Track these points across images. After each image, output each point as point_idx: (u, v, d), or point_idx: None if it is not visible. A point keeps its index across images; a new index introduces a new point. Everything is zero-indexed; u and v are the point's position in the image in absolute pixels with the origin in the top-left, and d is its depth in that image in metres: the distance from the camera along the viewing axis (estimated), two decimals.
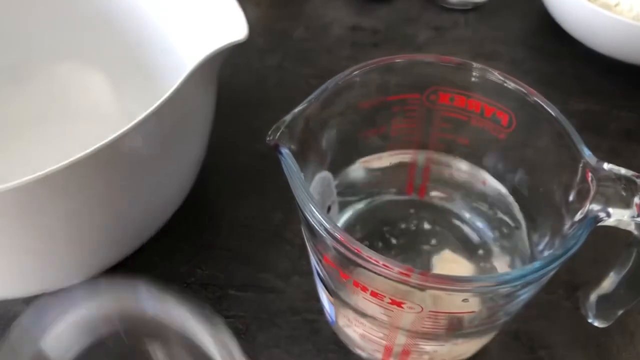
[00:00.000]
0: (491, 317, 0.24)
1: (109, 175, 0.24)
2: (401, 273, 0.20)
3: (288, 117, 0.25)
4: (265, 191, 0.39)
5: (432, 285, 0.21)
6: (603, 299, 0.27)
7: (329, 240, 0.21)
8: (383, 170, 0.32)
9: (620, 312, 0.27)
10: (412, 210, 0.33)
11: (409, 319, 0.23)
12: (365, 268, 0.21)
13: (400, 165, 0.32)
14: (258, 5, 0.53)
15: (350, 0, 0.54)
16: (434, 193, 0.33)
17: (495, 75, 0.28)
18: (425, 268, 0.30)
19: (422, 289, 0.21)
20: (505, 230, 0.30)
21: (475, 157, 0.30)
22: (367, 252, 0.20)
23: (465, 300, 0.22)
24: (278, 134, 0.25)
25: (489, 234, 0.31)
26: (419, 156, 0.32)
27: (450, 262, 0.31)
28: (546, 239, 0.26)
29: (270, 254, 0.35)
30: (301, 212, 0.24)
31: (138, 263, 0.33)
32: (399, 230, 0.32)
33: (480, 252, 0.31)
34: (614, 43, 0.45)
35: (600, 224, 0.22)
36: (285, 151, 0.24)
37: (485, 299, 0.23)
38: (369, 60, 0.47)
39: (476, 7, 0.54)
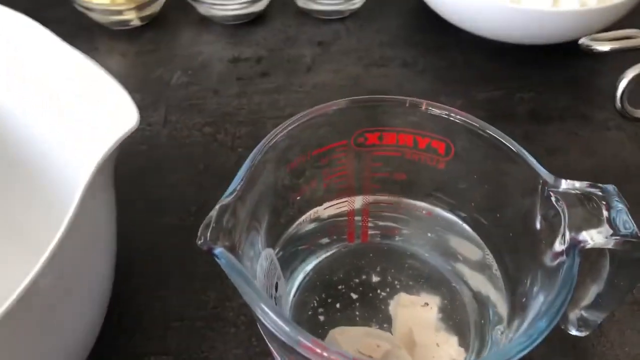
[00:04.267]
0: None
1: (22, 331, 0.19)
2: None
3: (214, 212, 0.21)
4: (189, 269, 0.34)
5: None
6: (584, 310, 0.26)
7: (308, 355, 0.18)
8: (321, 225, 0.29)
9: (602, 319, 0.26)
10: (359, 259, 0.30)
11: None
12: None
13: (338, 216, 0.29)
14: (124, 56, 0.48)
15: (220, 31, 0.50)
16: (377, 234, 0.30)
17: (422, 106, 0.25)
18: (386, 320, 0.28)
19: None
20: (464, 257, 0.28)
21: (415, 191, 0.28)
22: None
23: None
24: (209, 232, 0.21)
25: (444, 263, 0.29)
26: (355, 201, 0.29)
27: (409, 307, 0.29)
28: (523, 270, 0.24)
29: (216, 344, 0.31)
30: (258, 318, 0.20)
31: None
32: (353, 284, 0.29)
33: (441, 281, 0.29)
34: (497, 26, 0.45)
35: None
36: (220, 251, 0.21)
37: None
38: (258, 88, 0.45)
39: (352, 14, 0.52)
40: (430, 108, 0.25)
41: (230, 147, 0.41)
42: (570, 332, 0.27)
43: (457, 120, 0.25)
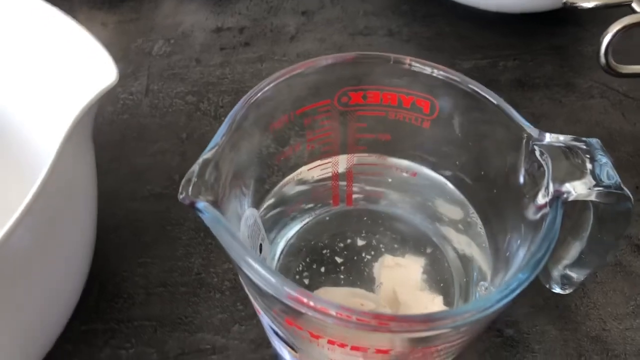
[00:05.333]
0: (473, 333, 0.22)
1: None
2: (380, 324, 0.17)
3: (196, 166, 0.21)
4: (172, 236, 0.34)
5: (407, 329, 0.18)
6: (567, 267, 0.26)
7: (295, 305, 0.18)
8: (305, 189, 0.29)
9: (585, 275, 0.26)
10: (343, 223, 0.30)
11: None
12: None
13: (322, 179, 0.29)
14: (105, 26, 0.47)
15: (202, 1, 0.50)
16: (361, 197, 0.30)
17: (405, 62, 0.25)
18: (371, 282, 0.28)
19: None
20: (449, 217, 0.28)
21: (400, 151, 0.28)
22: (338, 310, 0.17)
23: None
24: (190, 187, 0.20)
25: (429, 225, 0.29)
26: (339, 164, 0.29)
27: (393, 268, 0.29)
28: (508, 225, 0.24)
29: (200, 309, 0.31)
30: (242, 272, 0.20)
31: (48, 357, 0.28)
32: (337, 248, 0.29)
33: (426, 243, 0.29)
34: None
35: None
36: (203, 205, 0.20)
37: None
38: (241, 58, 0.44)
39: None
40: (414, 64, 0.24)
41: (213, 116, 0.40)
42: (554, 290, 0.27)
43: (440, 77, 0.24)
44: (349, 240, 0.29)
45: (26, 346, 0.24)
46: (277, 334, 0.22)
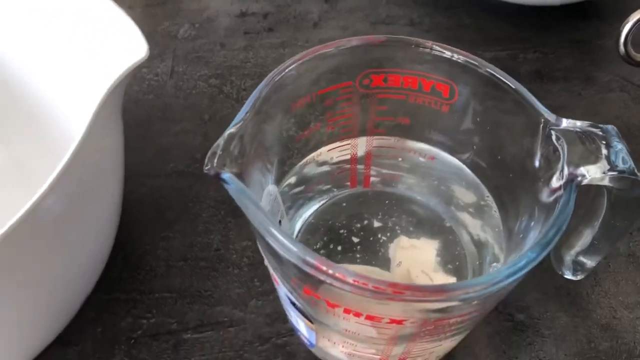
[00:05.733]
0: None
1: (31, 249, 0.20)
2: (395, 292, 0.18)
3: (222, 140, 0.22)
4: (193, 213, 0.35)
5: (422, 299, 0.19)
6: (579, 253, 0.26)
7: (314, 273, 0.19)
8: (324, 170, 0.29)
9: (597, 262, 0.27)
10: (360, 204, 0.31)
11: (410, 331, 0.21)
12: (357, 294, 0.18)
13: (341, 161, 0.29)
14: (132, 9, 0.48)
15: None
16: (379, 180, 0.31)
17: (427, 46, 0.26)
18: (386, 262, 0.29)
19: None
20: (464, 201, 0.29)
21: (419, 135, 0.29)
22: (355, 278, 0.18)
23: None
24: (215, 159, 0.21)
25: (444, 208, 0.30)
26: (358, 146, 0.29)
27: (408, 249, 0.29)
28: (521, 209, 0.24)
29: (218, 284, 0.32)
30: (264, 241, 0.21)
31: (72, 322, 0.29)
32: (354, 229, 0.30)
33: (441, 226, 0.30)
34: None
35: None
36: (228, 176, 0.21)
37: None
38: (264, 43, 0.45)
39: None
40: (435, 47, 0.25)
41: (236, 99, 0.41)
42: (566, 276, 0.28)
43: (460, 61, 0.25)
44: (365, 222, 0.30)
45: (53, 310, 0.25)
46: (294, 304, 0.23)
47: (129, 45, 0.23)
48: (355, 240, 0.29)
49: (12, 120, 0.33)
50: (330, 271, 0.18)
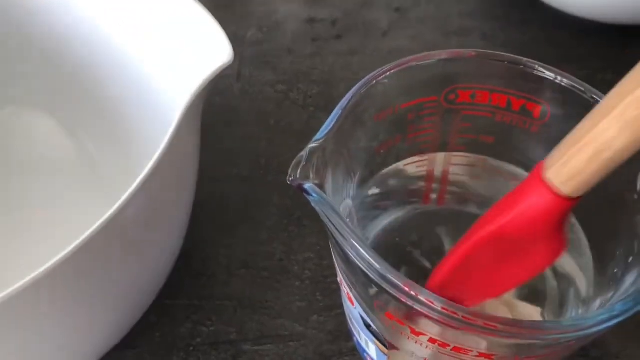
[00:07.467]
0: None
1: (112, 253, 0.20)
2: (486, 325, 0.17)
3: (306, 151, 0.21)
4: (257, 220, 0.34)
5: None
6: None
7: (399, 295, 0.18)
8: (398, 184, 0.28)
9: None
10: (433, 224, 0.29)
11: None
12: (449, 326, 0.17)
13: (416, 175, 0.28)
14: None
15: None
16: (453, 199, 0.30)
17: (522, 63, 0.24)
18: None
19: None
20: None
21: (502, 154, 0.27)
22: (461, 312, 0.17)
23: None
24: (299, 170, 0.21)
25: None
26: (436, 161, 0.28)
27: None
28: (617, 243, 0.23)
29: (280, 295, 0.31)
30: (343, 256, 0.20)
31: (134, 327, 0.28)
32: (425, 249, 0.28)
33: None
34: (585, 2, 0.43)
35: None
36: (310, 187, 0.20)
37: None
38: (332, 50, 0.44)
39: None
40: (531, 66, 0.24)
41: (302, 106, 0.40)
42: None
43: (564, 84, 0.23)
44: (435, 242, 0.29)
45: (121, 314, 0.25)
46: (369, 326, 0.22)
47: (213, 49, 0.23)
48: (429, 265, 0.28)
49: (89, 120, 0.34)
50: (413, 293, 0.17)
